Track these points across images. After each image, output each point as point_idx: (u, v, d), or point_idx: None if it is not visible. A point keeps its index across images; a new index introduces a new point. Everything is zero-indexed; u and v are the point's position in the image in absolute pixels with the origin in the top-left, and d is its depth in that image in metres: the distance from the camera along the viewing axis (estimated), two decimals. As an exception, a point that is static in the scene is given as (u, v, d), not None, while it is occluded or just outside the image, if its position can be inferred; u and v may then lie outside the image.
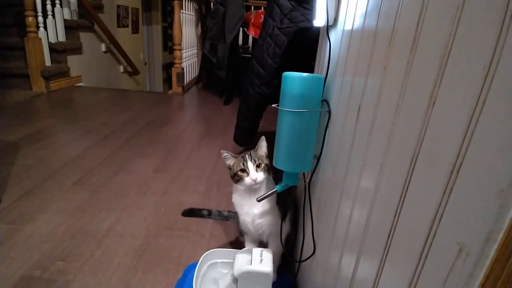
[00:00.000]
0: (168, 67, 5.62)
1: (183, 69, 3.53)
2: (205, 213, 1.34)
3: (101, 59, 4.08)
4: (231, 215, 1.30)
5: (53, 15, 3.12)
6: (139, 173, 1.68)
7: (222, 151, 0.95)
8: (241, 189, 0.94)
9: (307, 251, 0.87)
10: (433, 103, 0.33)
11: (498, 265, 0.24)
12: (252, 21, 3.25)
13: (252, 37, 3.60)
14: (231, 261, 0.94)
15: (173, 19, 3.33)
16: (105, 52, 4.12)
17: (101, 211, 1.32)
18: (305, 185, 0.88)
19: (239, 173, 0.91)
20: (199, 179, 1.66)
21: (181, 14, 3.41)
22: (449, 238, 0.29)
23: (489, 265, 0.24)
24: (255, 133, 1.77)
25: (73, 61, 3.41)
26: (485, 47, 0.26)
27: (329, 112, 0.77)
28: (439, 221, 0.30)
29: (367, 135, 0.50)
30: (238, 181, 0.93)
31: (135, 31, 5.11)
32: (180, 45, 3.40)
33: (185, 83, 3.66)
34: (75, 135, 2.13)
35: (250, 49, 3.71)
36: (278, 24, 1.39)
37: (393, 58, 0.44)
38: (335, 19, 0.82)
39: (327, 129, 0.78)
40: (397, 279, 0.38)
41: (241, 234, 1.08)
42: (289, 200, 1.01)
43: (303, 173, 0.92)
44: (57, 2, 3.15)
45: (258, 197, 0.86)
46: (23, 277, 0.97)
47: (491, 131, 0.25)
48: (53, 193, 1.42)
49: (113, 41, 4.03)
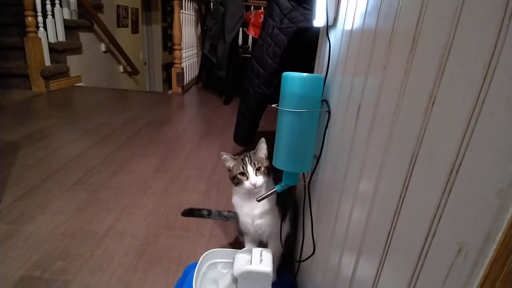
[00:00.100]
0: (168, 67, 5.62)
1: (183, 69, 3.53)
2: (205, 213, 1.34)
3: (101, 59, 4.08)
4: (231, 215, 1.30)
5: (53, 15, 3.12)
6: (139, 173, 1.68)
7: (221, 153, 0.95)
8: (241, 191, 0.94)
9: (307, 251, 0.87)
10: (433, 103, 0.33)
11: (497, 265, 0.24)
12: (252, 21, 3.25)
13: (252, 37, 3.60)
14: (231, 261, 0.94)
15: (173, 19, 3.33)
16: (104, 52, 4.12)
17: (101, 211, 1.32)
18: (304, 185, 0.88)
19: (239, 176, 0.91)
20: (199, 179, 1.66)
21: (181, 14, 3.41)
22: (448, 237, 0.29)
23: (488, 265, 0.24)
24: (255, 133, 1.77)
25: (72, 61, 3.41)
26: (484, 47, 0.26)
27: (329, 112, 0.77)
28: (439, 220, 0.30)
29: (367, 134, 0.50)
30: (237, 184, 0.92)
31: (135, 31, 5.11)
32: (180, 45, 3.40)
33: (185, 83, 3.66)
34: (75, 135, 2.13)
35: (250, 49, 3.71)
36: (278, 24, 1.39)
37: (393, 57, 0.44)
38: (335, 19, 0.82)
39: (327, 129, 0.78)
40: (396, 279, 0.38)
41: (241, 234, 1.08)
42: (289, 200, 1.01)
43: (303, 173, 0.92)
44: (57, 2, 3.15)
45: (258, 197, 0.86)
46: (23, 277, 0.97)
47: (490, 130, 0.25)
48: (53, 193, 1.42)
49: (113, 41, 4.03)
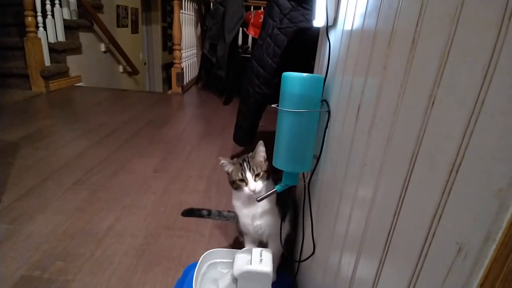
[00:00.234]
0: (167, 67, 5.62)
1: (182, 69, 3.53)
2: (205, 213, 1.34)
3: (101, 59, 4.08)
4: (231, 215, 1.30)
5: (53, 15, 3.11)
6: (139, 173, 1.68)
7: (219, 158, 0.95)
8: (240, 195, 0.94)
9: (307, 251, 0.87)
10: (433, 103, 0.33)
11: (497, 265, 0.24)
12: (251, 21, 3.25)
13: (251, 37, 3.60)
14: (231, 261, 0.94)
15: (172, 19, 3.33)
16: (104, 52, 4.11)
17: (101, 211, 1.32)
18: (304, 185, 0.88)
19: (238, 182, 0.91)
20: (199, 179, 1.66)
21: (181, 14, 3.41)
22: (448, 237, 0.29)
23: (488, 265, 0.24)
24: (255, 133, 1.77)
25: (72, 61, 3.40)
26: (484, 47, 0.26)
27: (329, 112, 0.77)
28: (439, 220, 0.30)
29: (367, 135, 0.50)
30: (236, 189, 0.92)
31: (135, 31, 5.11)
32: (179, 45, 3.40)
33: (185, 83, 3.66)
34: (75, 135, 2.13)
35: (249, 49, 3.71)
36: (277, 24, 1.39)
37: (393, 58, 0.44)
38: (335, 19, 0.82)
39: (327, 129, 0.78)
40: (396, 279, 0.38)
41: (241, 234, 1.08)
42: (289, 200, 1.01)
43: (303, 173, 0.92)
44: (57, 2, 3.14)
45: (258, 197, 0.86)
46: (23, 277, 0.97)
47: (490, 130, 0.25)
48: (53, 193, 1.42)
49: (112, 41, 4.03)
